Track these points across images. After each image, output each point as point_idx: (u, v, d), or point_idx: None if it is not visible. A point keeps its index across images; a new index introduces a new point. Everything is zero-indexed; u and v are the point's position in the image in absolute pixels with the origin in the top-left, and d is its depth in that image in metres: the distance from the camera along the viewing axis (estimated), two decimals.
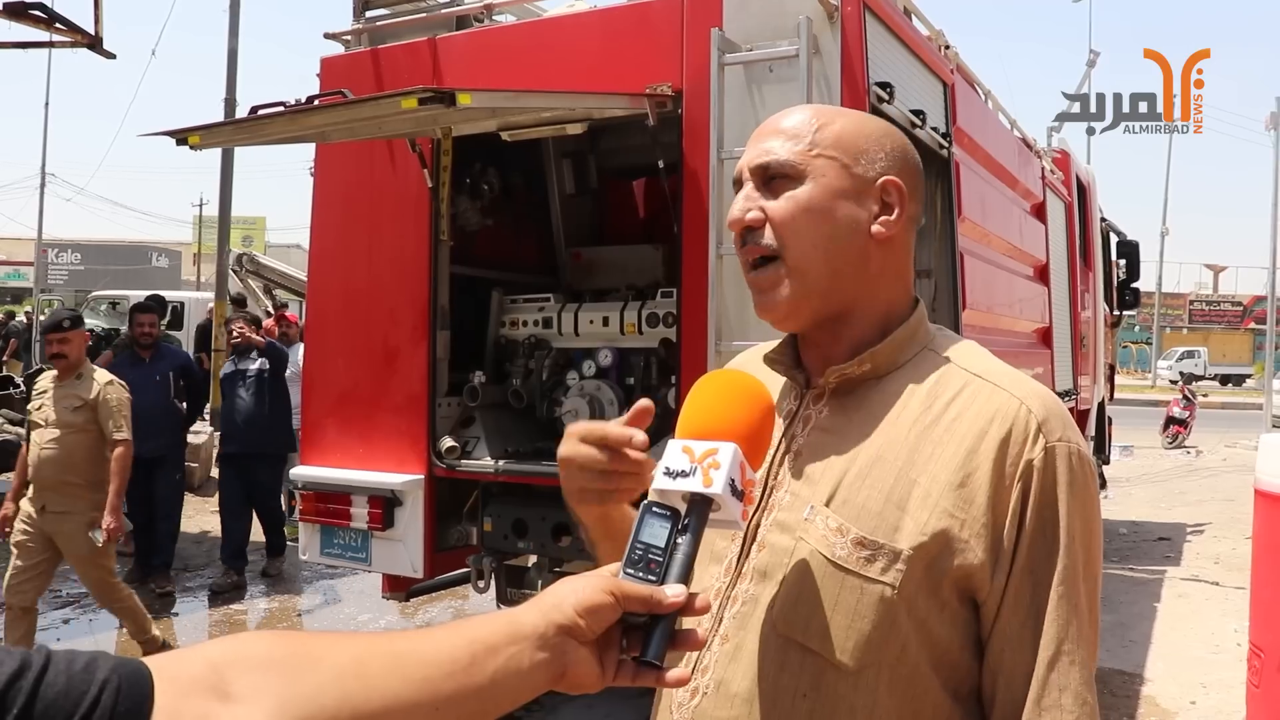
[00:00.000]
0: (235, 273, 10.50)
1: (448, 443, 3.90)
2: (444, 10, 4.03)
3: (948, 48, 4.45)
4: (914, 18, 4.05)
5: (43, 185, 31.44)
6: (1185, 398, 15.81)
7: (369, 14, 4.14)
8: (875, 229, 1.09)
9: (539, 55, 3.72)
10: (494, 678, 0.81)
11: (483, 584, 4.07)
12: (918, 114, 3.70)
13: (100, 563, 4.71)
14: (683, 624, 0.93)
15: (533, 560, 4.14)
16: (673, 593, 0.87)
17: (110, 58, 7.20)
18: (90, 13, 6.95)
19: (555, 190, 4.70)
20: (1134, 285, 9.06)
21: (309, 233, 4.26)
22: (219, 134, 3.76)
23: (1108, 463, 9.25)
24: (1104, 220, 8.50)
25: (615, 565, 0.92)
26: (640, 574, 0.89)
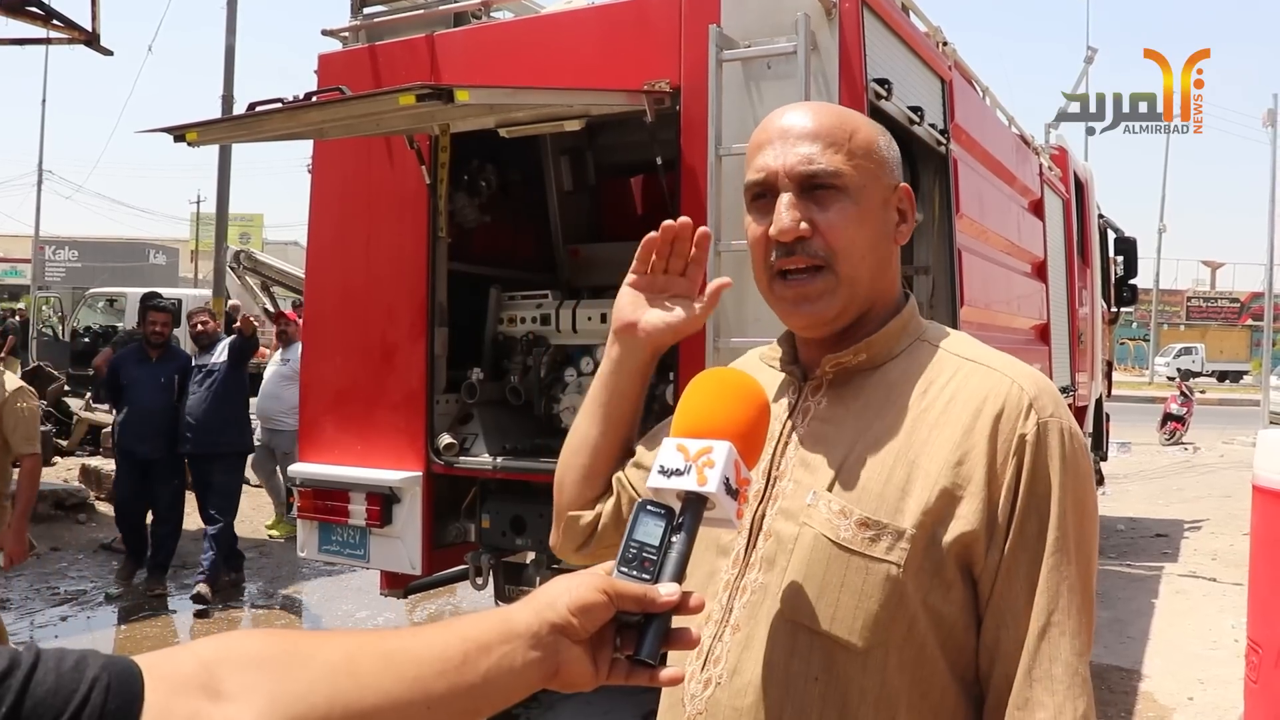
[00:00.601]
0: (233, 270, 10.49)
1: (446, 440, 3.90)
2: (442, 7, 4.02)
3: (946, 44, 4.44)
4: (912, 14, 4.05)
5: (40, 182, 31.48)
6: (1183, 394, 15.83)
7: (367, 11, 4.13)
8: (897, 236, 1.15)
9: (537, 52, 3.72)
10: (486, 676, 0.81)
11: (481, 581, 4.08)
12: (916, 111, 3.69)
13: None
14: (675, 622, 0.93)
15: (531, 557, 4.14)
16: (666, 591, 0.87)
17: (107, 54, 7.19)
18: (88, 9, 6.95)
19: (553, 187, 4.69)
20: (1131, 282, 9.07)
21: (307, 230, 4.26)
22: (216, 130, 3.76)
23: (1105, 459, 9.26)
24: (1101, 217, 8.50)
25: (609, 563, 0.92)
26: (634, 572, 0.89)
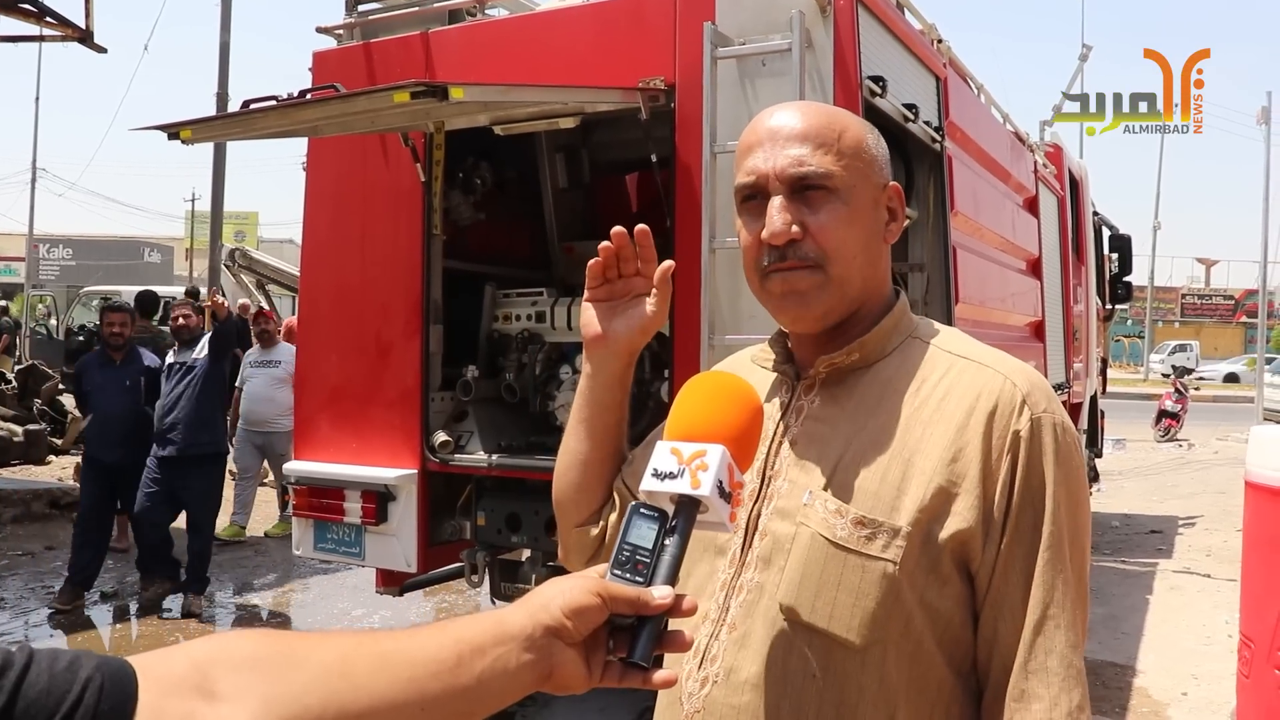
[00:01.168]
0: (228, 268, 10.49)
1: (441, 437, 3.90)
2: (436, 4, 4.01)
3: (940, 41, 4.45)
4: (907, 12, 4.04)
5: (34, 180, 31.40)
6: (1177, 391, 15.86)
7: (361, 8, 4.12)
8: (887, 234, 1.16)
9: (531, 49, 3.71)
10: (480, 678, 0.81)
11: (476, 578, 4.08)
12: (910, 108, 3.69)
13: None
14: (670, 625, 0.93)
15: (526, 554, 4.14)
16: (660, 594, 0.88)
17: (101, 52, 7.17)
18: (81, 7, 6.94)
19: (548, 184, 4.68)
20: (1126, 279, 9.09)
21: (301, 227, 4.25)
22: (211, 128, 3.74)
23: (1100, 456, 9.28)
24: (1096, 214, 8.51)
25: (603, 566, 0.92)
26: (627, 575, 0.89)
